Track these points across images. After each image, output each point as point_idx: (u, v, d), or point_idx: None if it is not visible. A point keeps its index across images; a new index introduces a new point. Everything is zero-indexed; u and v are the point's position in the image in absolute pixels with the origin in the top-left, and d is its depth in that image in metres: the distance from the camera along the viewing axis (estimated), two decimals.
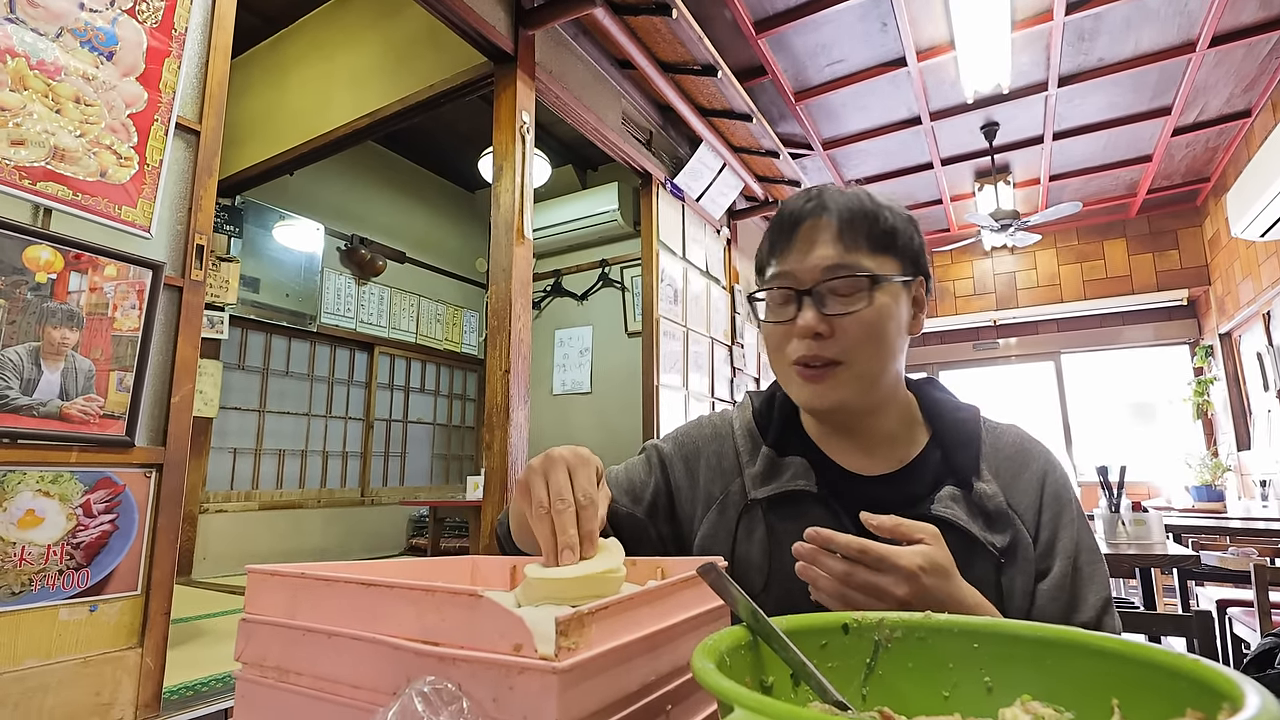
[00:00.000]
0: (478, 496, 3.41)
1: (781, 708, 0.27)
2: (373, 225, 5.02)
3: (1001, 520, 0.68)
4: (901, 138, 4.19)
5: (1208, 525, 3.20)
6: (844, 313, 0.66)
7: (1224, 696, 0.29)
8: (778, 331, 0.70)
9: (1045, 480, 0.71)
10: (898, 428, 0.74)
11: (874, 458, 0.73)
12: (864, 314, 0.66)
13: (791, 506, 0.71)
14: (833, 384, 0.67)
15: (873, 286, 0.66)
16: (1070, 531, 0.69)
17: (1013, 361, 6.07)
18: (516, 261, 2.40)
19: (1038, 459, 0.73)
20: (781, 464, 0.73)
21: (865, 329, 0.66)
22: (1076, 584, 0.67)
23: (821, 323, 0.66)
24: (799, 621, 0.43)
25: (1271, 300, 4.04)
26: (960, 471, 0.70)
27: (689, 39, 2.68)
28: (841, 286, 0.66)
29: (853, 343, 0.66)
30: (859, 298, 0.66)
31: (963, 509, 0.67)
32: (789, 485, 0.71)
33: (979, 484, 0.69)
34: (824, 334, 0.66)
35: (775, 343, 0.71)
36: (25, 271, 1.24)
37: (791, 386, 0.71)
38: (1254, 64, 3.46)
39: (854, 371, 0.67)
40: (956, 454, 0.71)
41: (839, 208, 0.68)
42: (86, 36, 1.33)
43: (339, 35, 3.47)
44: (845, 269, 0.66)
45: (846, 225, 0.68)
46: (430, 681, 0.34)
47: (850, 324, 0.66)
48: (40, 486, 1.24)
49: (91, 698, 1.29)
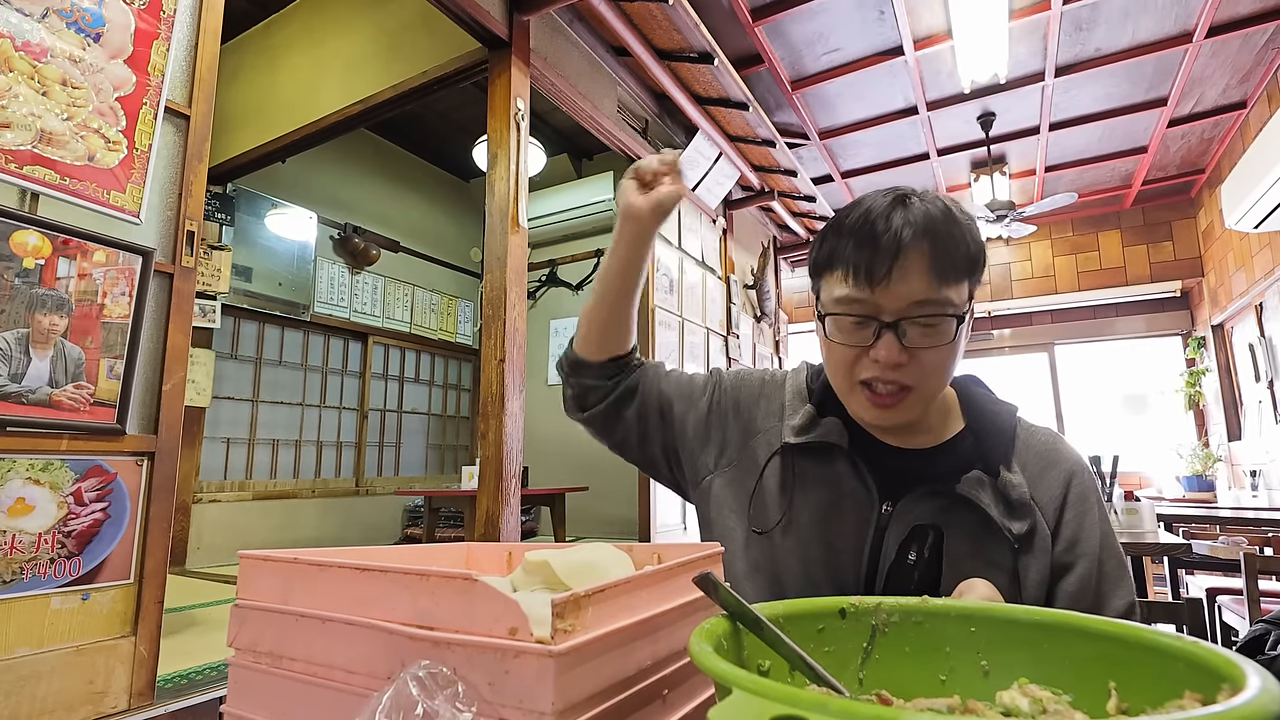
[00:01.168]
0: (473, 486, 3.41)
1: (780, 689, 0.26)
2: (366, 214, 4.99)
3: (1022, 510, 0.69)
4: (898, 128, 4.18)
5: (1198, 515, 3.22)
6: (926, 347, 0.65)
7: (1223, 678, 0.29)
8: (848, 354, 0.68)
9: (1072, 481, 0.72)
10: (933, 417, 0.75)
11: (908, 437, 0.74)
12: (943, 348, 0.66)
13: (820, 458, 0.74)
14: (901, 409, 0.68)
15: (958, 329, 0.66)
16: (1095, 534, 0.70)
17: (1006, 353, 6.10)
18: (511, 250, 2.39)
19: (1067, 460, 0.74)
20: (820, 421, 0.75)
21: (941, 360, 0.67)
22: (1102, 586, 0.68)
23: (901, 354, 0.65)
24: (797, 606, 0.43)
25: (1264, 292, 4.06)
26: (989, 459, 0.71)
27: (685, 26, 2.66)
28: (925, 321, 0.65)
29: (927, 373, 0.66)
30: (942, 332, 0.65)
31: (986, 494, 0.68)
32: (820, 437, 0.74)
33: (1005, 474, 0.70)
34: (901, 364, 0.65)
35: (840, 362, 0.69)
36: (13, 257, 1.22)
37: (852, 403, 0.71)
38: (1250, 55, 3.45)
39: (921, 396, 0.68)
40: (987, 443, 0.72)
41: (935, 235, 0.64)
42: (73, 17, 1.30)
43: (331, 20, 3.43)
44: (934, 305, 0.64)
45: (939, 256, 0.64)
46: (425, 666, 0.34)
47: (928, 356, 0.66)
48: (30, 474, 1.23)
49: (85, 686, 1.28)
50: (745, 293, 4.70)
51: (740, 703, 0.26)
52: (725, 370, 0.88)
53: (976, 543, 0.68)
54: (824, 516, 0.72)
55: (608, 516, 4.62)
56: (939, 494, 0.69)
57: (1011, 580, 0.67)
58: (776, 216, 4.98)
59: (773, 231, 5.29)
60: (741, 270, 4.65)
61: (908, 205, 0.66)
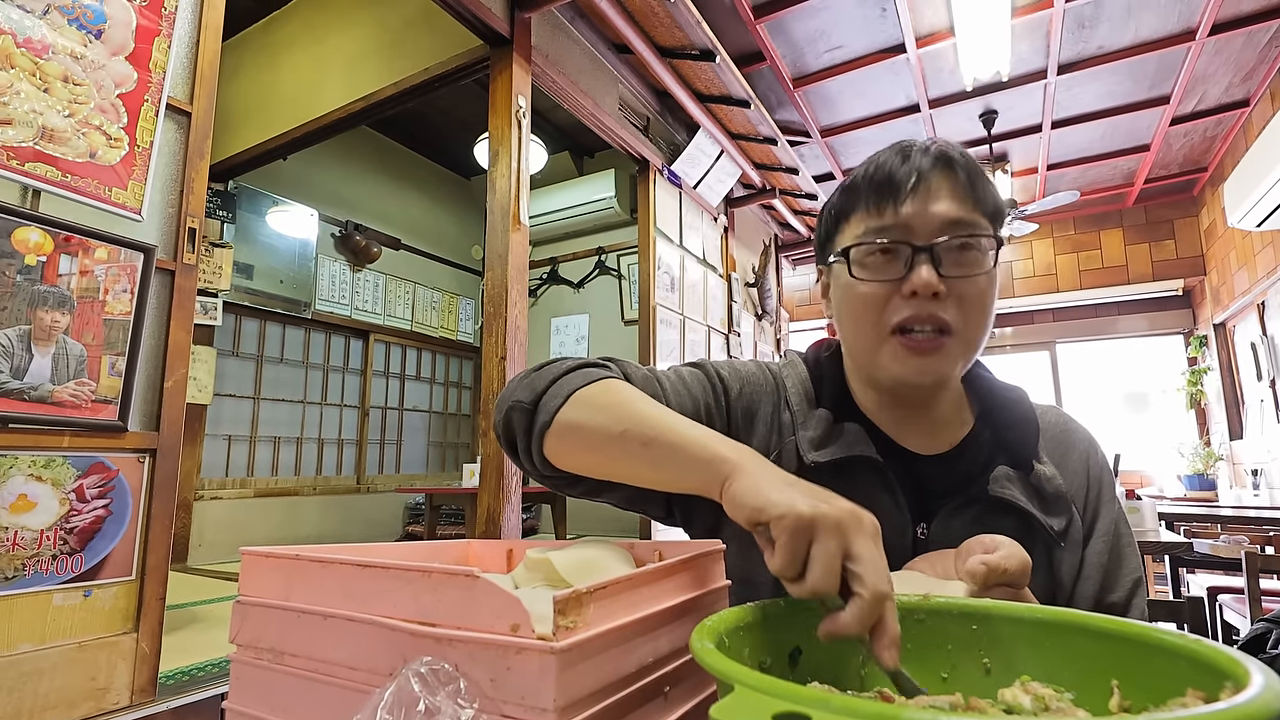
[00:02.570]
0: (474, 484, 3.41)
1: (781, 685, 0.26)
2: (368, 211, 4.99)
3: (1059, 504, 0.65)
4: (900, 125, 4.17)
5: (1200, 514, 3.22)
6: (964, 275, 0.58)
7: (1226, 675, 0.29)
8: (878, 293, 0.60)
9: (1089, 460, 0.69)
10: (949, 409, 0.68)
11: (927, 437, 0.68)
12: (982, 280, 0.59)
13: (848, 475, 0.64)
14: (942, 356, 0.59)
15: (993, 251, 0.60)
16: (1110, 512, 0.67)
17: (1008, 351, 6.09)
18: (513, 248, 2.39)
19: (1082, 439, 0.70)
20: (839, 429, 0.67)
21: (981, 297, 0.59)
22: (1112, 565, 0.65)
23: (939, 282, 0.57)
24: (798, 603, 0.43)
25: (1266, 290, 4.06)
26: (1013, 450, 0.66)
27: (687, 23, 2.65)
28: (962, 246, 0.59)
29: (968, 310, 0.59)
30: (979, 262, 0.59)
31: (1020, 490, 0.63)
32: (850, 451, 0.64)
33: (1039, 466, 0.65)
34: (940, 294, 0.58)
35: (869, 306, 0.61)
36: (14, 254, 1.22)
37: (884, 357, 0.61)
38: (1253, 53, 3.44)
39: (962, 342, 0.60)
40: (1008, 434, 0.67)
41: (964, 160, 0.60)
42: (74, 14, 1.30)
43: (332, 18, 3.42)
44: (969, 226, 0.59)
45: (971, 182, 0.60)
46: (427, 662, 0.34)
47: (969, 289, 0.59)
48: (32, 471, 1.23)
49: (87, 682, 1.29)
50: (746, 291, 4.69)
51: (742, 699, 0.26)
52: (714, 366, 0.73)
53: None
54: None
55: (609, 514, 4.62)
56: (972, 502, 0.63)
57: (1049, 578, 0.63)
58: (778, 214, 4.97)
59: (774, 229, 5.28)
60: (743, 268, 4.64)
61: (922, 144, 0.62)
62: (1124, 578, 0.65)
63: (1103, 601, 0.64)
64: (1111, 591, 0.64)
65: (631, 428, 0.53)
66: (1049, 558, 0.63)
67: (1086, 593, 0.64)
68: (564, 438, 0.57)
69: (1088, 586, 0.64)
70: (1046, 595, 0.62)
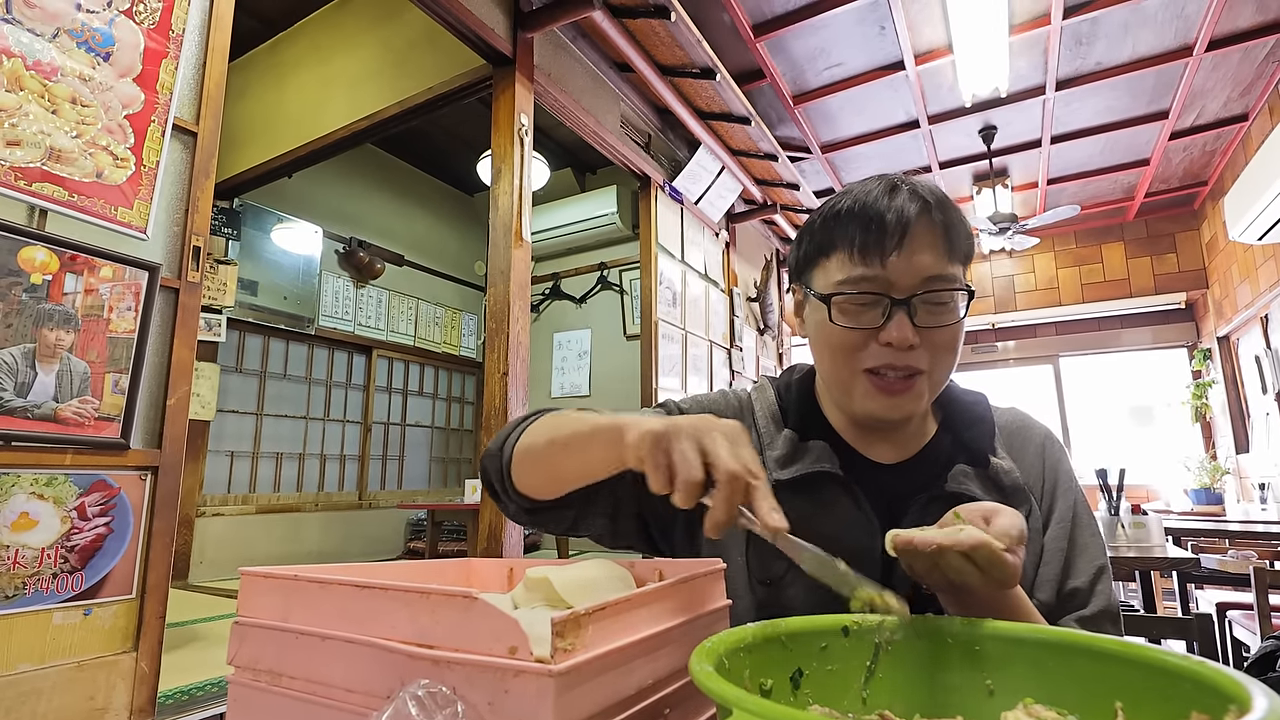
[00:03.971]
0: (476, 500, 3.40)
1: (781, 710, 0.26)
2: (371, 228, 5.02)
3: (1018, 495, 0.68)
4: (900, 141, 4.20)
5: (1207, 528, 3.19)
6: (937, 325, 0.63)
7: (1230, 699, 0.28)
8: (855, 338, 0.64)
9: (1045, 451, 0.73)
10: (914, 422, 0.72)
11: (892, 445, 0.72)
12: (954, 328, 0.64)
13: (813, 489, 0.68)
14: (912, 396, 0.64)
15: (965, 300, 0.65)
16: (1067, 500, 0.70)
17: (1011, 365, 6.08)
18: (515, 264, 2.40)
19: (1038, 432, 0.74)
20: (804, 447, 0.70)
21: (952, 341, 0.65)
22: (1072, 552, 0.67)
23: (915, 335, 0.62)
24: (799, 624, 0.42)
25: (1269, 303, 4.05)
26: (971, 449, 0.70)
27: (687, 42, 2.68)
28: (937, 298, 0.63)
29: (938, 355, 0.64)
30: (951, 311, 0.64)
31: (977, 485, 0.67)
32: (813, 467, 0.68)
33: (995, 460, 0.69)
34: (914, 346, 0.62)
35: (844, 348, 0.65)
36: (20, 273, 1.23)
37: (856, 394, 0.66)
38: (1251, 68, 3.47)
39: (931, 382, 0.65)
40: (966, 434, 0.71)
41: (942, 209, 0.64)
42: (83, 37, 1.32)
43: (337, 38, 3.47)
44: (946, 280, 0.63)
45: (948, 229, 0.64)
46: (424, 685, 0.34)
47: (940, 336, 0.64)
48: (34, 489, 1.24)
49: (85, 702, 1.28)
50: (748, 305, 4.70)
51: None
52: (676, 403, 0.77)
53: None
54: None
55: None
56: (934, 500, 0.66)
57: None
58: (779, 229, 4.99)
59: (775, 244, 5.30)
60: (744, 283, 4.65)
61: (904, 186, 0.65)
62: (1085, 564, 0.67)
63: (1064, 588, 0.66)
64: (1072, 578, 0.66)
65: (556, 435, 0.60)
66: None
67: (1048, 578, 0.66)
68: (520, 464, 0.64)
69: (1049, 572, 0.66)
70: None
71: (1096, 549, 0.68)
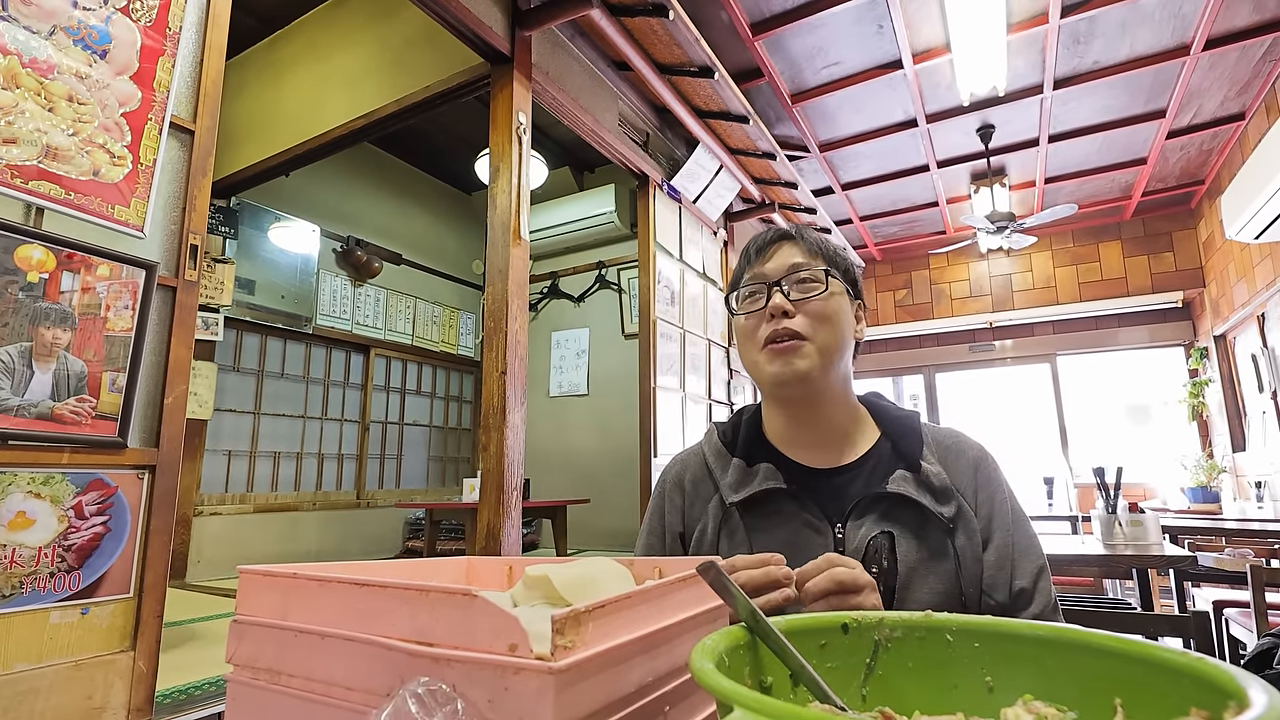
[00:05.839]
0: (474, 499, 3.40)
1: (781, 707, 0.26)
2: (369, 227, 5.01)
3: (945, 494, 0.79)
4: (898, 140, 4.20)
5: (1203, 526, 3.20)
6: (805, 298, 0.81)
7: (1229, 695, 0.28)
8: (750, 322, 0.84)
9: (979, 466, 0.83)
10: (850, 426, 0.86)
11: (831, 452, 0.85)
12: (821, 299, 0.81)
13: (765, 505, 0.82)
14: (800, 355, 0.79)
15: (828, 282, 0.82)
16: (1005, 509, 0.80)
17: (1009, 363, 6.09)
18: (513, 263, 2.40)
19: (972, 448, 0.86)
20: (751, 470, 0.84)
21: (822, 310, 0.81)
22: (1015, 554, 0.78)
23: (787, 303, 0.80)
24: (798, 622, 0.42)
25: (1266, 302, 4.06)
26: (906, 457, 0.82)
27: (685, 40, 2.68)
28: (803, 280, 0.82)
29: (813, 321, 0.80)
30: (818, 289, 0.81)
31: (912, 486, 0.79)
32: (761, 486, 0.81)
33: (925, 465, 0.80)
34: (790, 313, 0.80)
35: (747, 333, 0.84)
36: (17, 271, 1.23)
37: (760, 366, 0.82)
38: (1248, 67, 3.47)
39: (815, 346, 0.80)
40: (901, 444, 0.83)
41: (805, 233, 0.86)
42: (80, 35, 1.32)
43: (335, 36, 3.46)
44: (807, 266, 0.83)
45: (809, 244, 0.85)
46: (424, 683, 0.34)
47: (811, 306, 0.81)
48: (31, 488, 1.23)
49: (83, 701, 1.27)
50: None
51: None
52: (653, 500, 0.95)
53: (919, 535, 0.77)
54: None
55: (609, 529, 4.60)
56: (877, 499, 0.78)
57: (954, 562, 0.76)
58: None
59: None
60: None
61: (779, 229, 0.88)
62: (1028, 565, 0.78)
63: (1012, 587, 0.77)
64: (1016, 578, 0.77)
65: None
66: (949, 540, 0.77)
67: (1001, 581, 0.77)
68: None
69: (1000, 575, 0.77)
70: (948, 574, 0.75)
71: (1035, 549, 0.80)
